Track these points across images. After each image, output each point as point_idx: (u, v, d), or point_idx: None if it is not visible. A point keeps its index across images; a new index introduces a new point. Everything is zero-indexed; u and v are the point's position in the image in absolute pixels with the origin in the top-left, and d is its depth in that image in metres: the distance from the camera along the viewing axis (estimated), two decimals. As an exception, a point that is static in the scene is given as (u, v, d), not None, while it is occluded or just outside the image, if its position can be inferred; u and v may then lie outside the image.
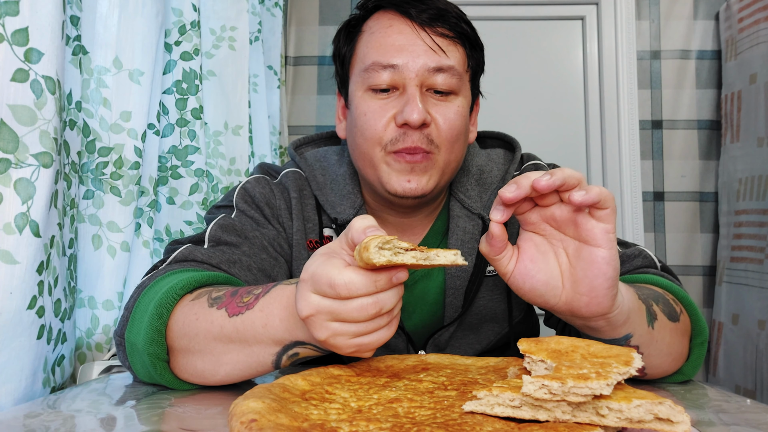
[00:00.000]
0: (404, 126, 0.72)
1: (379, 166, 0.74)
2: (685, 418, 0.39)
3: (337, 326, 0.49)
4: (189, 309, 0.60)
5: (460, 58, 0.75)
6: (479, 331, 0.84)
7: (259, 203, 0.80)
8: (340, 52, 0.81)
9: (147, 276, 0.69)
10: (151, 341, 0.60)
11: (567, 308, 0.56)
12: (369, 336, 0.50)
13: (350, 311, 0.48)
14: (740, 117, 2.03)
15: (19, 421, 0.51)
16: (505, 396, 0.42)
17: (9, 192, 0.66)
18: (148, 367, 0.61)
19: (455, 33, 0.75)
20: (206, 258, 0.70)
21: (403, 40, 0.73)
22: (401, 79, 0.73)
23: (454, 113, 0.74)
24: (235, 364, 0.58)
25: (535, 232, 0.57)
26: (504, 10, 2.35)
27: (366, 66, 0.74)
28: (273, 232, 0.79)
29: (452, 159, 0.76)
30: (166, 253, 0.73)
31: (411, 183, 0.73)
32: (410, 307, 0.82)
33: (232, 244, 0.74)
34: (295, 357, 0.57)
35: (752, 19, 1.98)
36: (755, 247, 1.90)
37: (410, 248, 0.48)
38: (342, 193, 0.82)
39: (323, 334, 0.50)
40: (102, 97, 0.97)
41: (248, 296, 0.58)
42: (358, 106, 0.75)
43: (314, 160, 0.86)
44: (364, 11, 0.80)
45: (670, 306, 0.65)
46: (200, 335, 0.58)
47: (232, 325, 0.57)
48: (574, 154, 2.32)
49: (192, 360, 0.60)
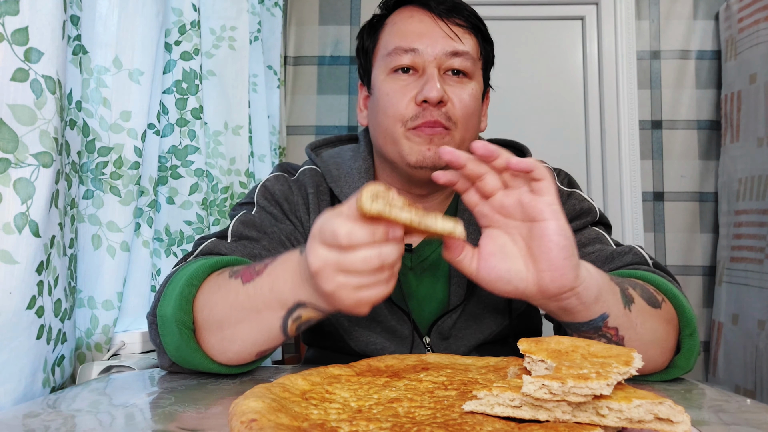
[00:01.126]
0: (423, 104, 0.78)
1: (400, 140, 0.80)
2: (685, 418, 0.39)
3: (342, 278, 0.52)
4: (214, 281, 0.65)
5: (474, 46, 0.83)
6: (482, 321, 0.86)
7: (278, 199, 0.85)
8: (363, 45, 0.89)
9: (176, 266, 0.73)
10: (179, 309, 0.63)
11: (536, 289, 0.58)
12: (369, 289, 0.53)
13: (355, 262, 0.51)
14: (740, 117, 2.03)
15: (19, 420, 0.51)
16: (505, 396, 0.42)
17: (8, 192, 0.66)
18: (176, 337, 0.64)
19: (469, 24, 0.83)
20: (229, 251, 0.75)
21: (423, 28, 0.81)
22: (421, 61, 0.80)
23: (469, 95, 0.81)
24: (248, 332, 0.62)
25: (489, 226, 0.60)
26: (504, 10, 2.35)
27: (389, 51, 0.82)
28: (290, 227, 0.84)
29: (467, 137, 0.81)
30: (194, 246, 0.78)
31: (430, 151, 0.78)
32: (420, 297, 0.85)
33: (252, 238, 0.79)
34: (299, 321, 0.60)
35: (752, 19, 1.98)
36: (755, 247, 1.90)
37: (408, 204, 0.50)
38: (356, 186, 0.86)
39: (330, 285, 0.52)
40: (102, 96, 0.97)
41: (260, 265, 0.62)
42: (381, 88, 0.82)
43: (329, 158, 0.91)
44: (386, 9, 0.88)
45: (648, 293, 0.66)
46: (219, 303, 0.62)
47: (245, 291, 0.61)
48: (574, 154, 2.32)
49: (213, 330, 0.63)
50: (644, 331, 0.63)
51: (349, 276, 0.52)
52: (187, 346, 0.64)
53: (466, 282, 0.84)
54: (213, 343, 0.64)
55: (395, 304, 0.83)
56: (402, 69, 0.81)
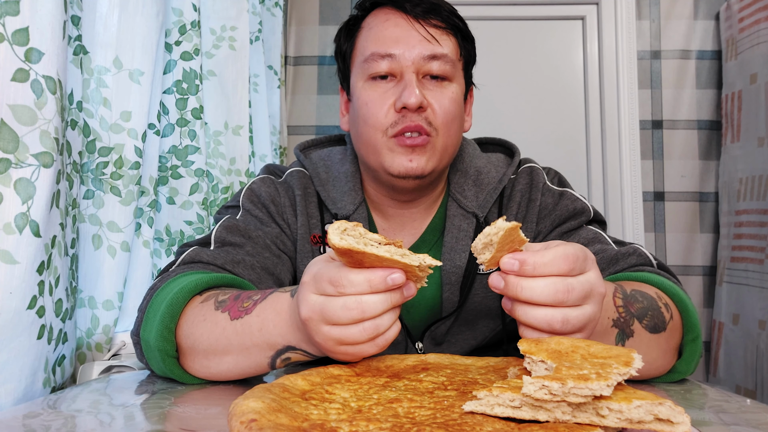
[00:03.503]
0: (403, 110, 0.76)
1: (382, 151, 0.78)
2: (685, 419, 0.39)
3: (326, 330, 0.51)
4: (198, 310, 0.64)
5: (452, 47, 0.80)
6: (475, 326, 0.85)
7: (264, 202, 0.84)
8: (341, 49, 0.87)
9: (158, 278, 0.73)
10: (161, 339, 0.63)
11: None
12: (353, 347, 0.52)
13: (335, 309, 0.50)
14: (740, 117, 2.03)
15: (19, 421, 0.51)
16: (506, 396, 0.42)
17: (9, 192, 0.66)
18: (161, 364, 0.65)
19: (447, 25, 0.80)
20: (212, 259, 0.74)
21: (399, 32, 0.78)
22: (399, 67, 0.78)
23: (449, 99, 0.79)
24: (235, 363, 0.62)
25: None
26: (504, 10, 2.35)
27: (365, 57, 0.79)
28: (276, 231, 0.83)
29: (449, 143, 0.80)
30: (176, 255, 0.77)
31: (412, 162, 0.77)
32: (410, 303, 0.84)
33: (236, 244, 0.78)
34: (288, 361, 0.60)
35: (753, 18, 1.98)
36: (755, 247, 1.90)
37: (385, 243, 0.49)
38: (343, 190, 0.85)
39: (316, 336, 0.52)
40: (102, 96, 0.97)
41: (248, 301, 0.61)
42: (360, 96, 0.80)
43: (318, 159, 0.90)
44: (362, 11, 0.85)
45: (658, 316, 0.64)
46: (205, 335, 0.62)
47: (232, 327, 0.60)
48: (574, 154, 2.32)
49: (198, 357, 0.63)
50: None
51: (334, 328, 0.51)
52: (172, 372, 0.65)
53: (459, 289, 0.83)
54: (198, 368, 0.64)
55: None
56: (380, 76, 0.78)
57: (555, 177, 0.89)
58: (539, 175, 0.86)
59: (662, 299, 0.66)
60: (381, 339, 0.52)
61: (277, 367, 0.61)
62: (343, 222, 0.49)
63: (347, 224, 0.48)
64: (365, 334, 0.51)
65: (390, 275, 0.49)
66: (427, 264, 0.50)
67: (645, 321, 0.63)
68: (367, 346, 0.52)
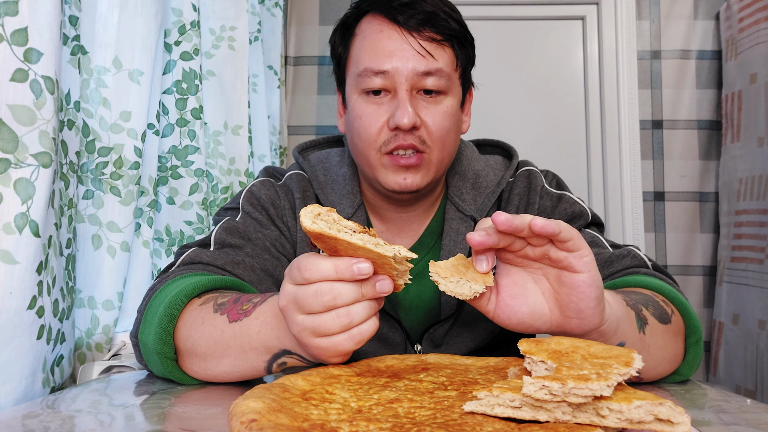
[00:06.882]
0: (396, 129, 0.76)
1: (376, 167, 0.79)
2: (685, 419, 0.39)
3: (300, 319, 0.51)
4: (197, 313, 0.64)
5: (448, 60, 0.78)
6: (474, 328, 0.85)
7: (264, 204, 0.84)
8: (336, 51, 0.85)
9: (157, 279, 0.73)
10: (160, 341, 0.63)
11: (559, 330, 0.56)
12: (328, 339, 0.51)
13: (306, 296, 0.50)
14: (741, 117, 2.03)
15: (18, 421, 0.51)
16: (506, 396, 0.42)
17: (9, 192, 0.66)
18: (159, 366, 0.65)
19: (443, 35, 0.77)
20: (211, 260, 0.74)
21: (392, 46, 0.76)
22: (392, 83, 0.76)
23: (442, 114, 0.78)
24: (233, 366, 0.62)
25: (510, 263, 0.56)
26: (504, 10, 2.34)
27: (359, 71, 0.78)
28: (275, 233, 0.83)
29: (445, 156, 0.80)
30: (176, 256, 0.77)
31: (407, 180, 0.78)
32: (408, 305, 0.85)
33: (235, 246, 0.78)
34: (284, 366, 0.60)
35: (752, 18, 1.98)
36: (756, 247, 1.90)
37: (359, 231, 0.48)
38: (342, 193, 0.85)
39: (293, 327, 0.52)
40: (101, 97, 0.97)
41: (248, 304, 0.61)
42: (354, 109, 0.80)
43: (317, 161, 0.90)
44: (357, 11, 0.82)
45: (660, 308, 0.64)
46: (204, 338, 0.62)
47: (231, 330, 0.60)
48: (574, 154, 2.32)
49: (196, 360, 0.63)
50: (656, 350, 0.62)
51: (307, 317, 0.51)
52: (171, 374, 0.65)
53: None
54: (197, 370, 0.64)
55: (386, 312, 0.83)
56: (373, 91, 0.77)
57: (553, 180, 0.89)
58: (537, 178, 0.86)
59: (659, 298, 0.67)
60: (356, 331, 0.51)
61: (274, 371, 0.61)
62: (316, 206, 0.48)
63: (321, 209, 0.48)
64: (338, 321, 0.50)
65: (356, 264, 0.49)
66: (403, 256, 0.50)
67: (650, 309, 0.63)
68: (341, 337, 0.51)
